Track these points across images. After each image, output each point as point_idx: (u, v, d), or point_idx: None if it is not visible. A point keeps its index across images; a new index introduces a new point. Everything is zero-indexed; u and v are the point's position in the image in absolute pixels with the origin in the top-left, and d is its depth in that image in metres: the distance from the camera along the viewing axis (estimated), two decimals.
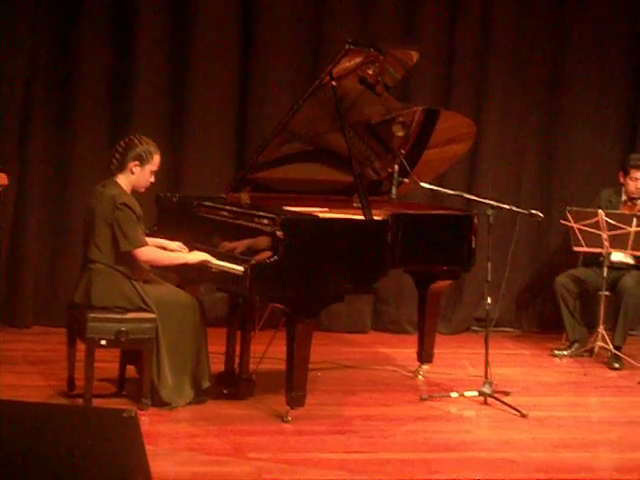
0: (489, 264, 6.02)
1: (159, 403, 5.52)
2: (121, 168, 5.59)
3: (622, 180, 7.66)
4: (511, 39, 8.30)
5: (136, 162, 5.58)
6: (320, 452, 5.08)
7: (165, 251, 5.69)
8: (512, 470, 5.03)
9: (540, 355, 7.63)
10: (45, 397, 5.62)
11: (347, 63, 5.76)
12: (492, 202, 6.13)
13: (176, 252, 5.70)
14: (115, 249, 5.49)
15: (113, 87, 7.59)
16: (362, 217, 5.64)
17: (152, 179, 5.67)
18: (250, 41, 7.80)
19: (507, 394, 6.22)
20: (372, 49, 5.80)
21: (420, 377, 6.63)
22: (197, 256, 5.58)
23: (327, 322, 7.80)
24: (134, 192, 5.64)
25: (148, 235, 5.76)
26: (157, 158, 5.64)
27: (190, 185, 7.52)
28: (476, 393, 6.08)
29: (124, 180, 5.59)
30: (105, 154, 7.32)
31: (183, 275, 5.91)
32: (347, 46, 5.62)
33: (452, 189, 6.63)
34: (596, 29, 8.45)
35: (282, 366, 5.56)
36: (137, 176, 5.60)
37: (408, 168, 6.25)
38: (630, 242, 7.10)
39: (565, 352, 7.53)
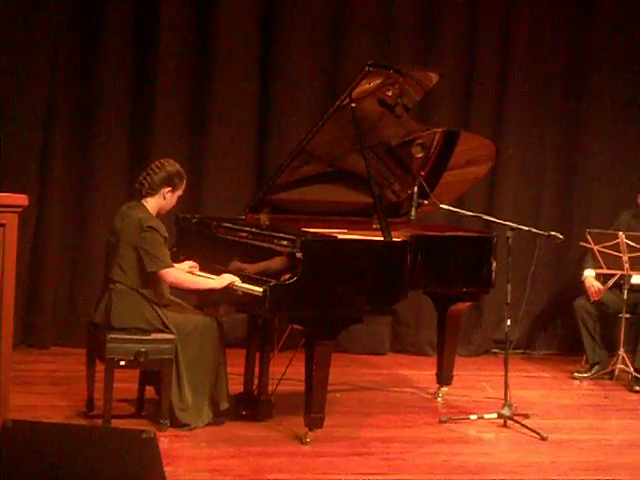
0: (509, 286, 5.99)
1: (178, 424, 5.52)
2: (152, 192, 5.59)
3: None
4: (531, 59, 8.30)
5: (169, 188, 5.60)
6: (338, 474, 5.05)
7: (190, 275, 5.70)
8: None
9: (560, 378, 7.60)
10: (64, 417, 5.61)
11: (367, 85, 5.76)
12: (511, 224, 6.12)
13: (203, 277, 5.69)
14: (140, 272, 5.50)
15: (133, 109, 7.63)
16: (381, 238, 5.64)
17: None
18: (270, 63, 7.84)
19: (527, 417, 6.19)
20: (392, 71, 5.81)
21: (439, 399, 6.62)
22: (223, 280, 5.55)
23: (346, 343, 7.79)
24: (158, 215, 5.65)
25: None
26: (184, 183, 5.68)
27: (209, 206, 7.56)
28: (495, 415, 6.05)
29: (152, 203, 5.60)
30: (125, 175, 7.43)
31: (203, 296, 5.91)
32: (367, 68, 5.62)
33: (471, 211, 6.63)
34: (618, 46, 8.43)
35: (301, 387, 5.55)
36: (167, 201, 5.63)
37: (427, 190, 6.26)
38: None
39: (585, 375, 7.50)
